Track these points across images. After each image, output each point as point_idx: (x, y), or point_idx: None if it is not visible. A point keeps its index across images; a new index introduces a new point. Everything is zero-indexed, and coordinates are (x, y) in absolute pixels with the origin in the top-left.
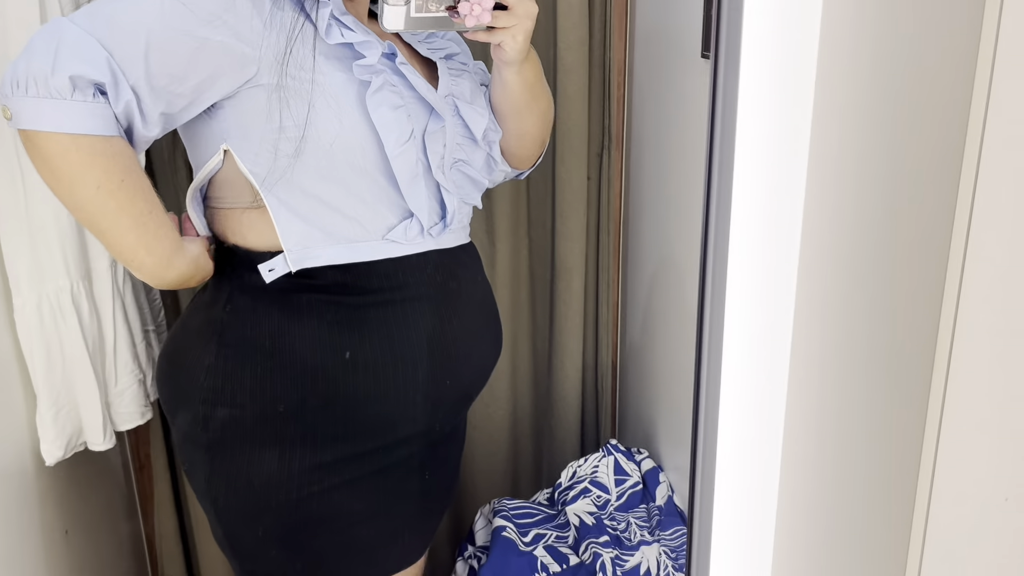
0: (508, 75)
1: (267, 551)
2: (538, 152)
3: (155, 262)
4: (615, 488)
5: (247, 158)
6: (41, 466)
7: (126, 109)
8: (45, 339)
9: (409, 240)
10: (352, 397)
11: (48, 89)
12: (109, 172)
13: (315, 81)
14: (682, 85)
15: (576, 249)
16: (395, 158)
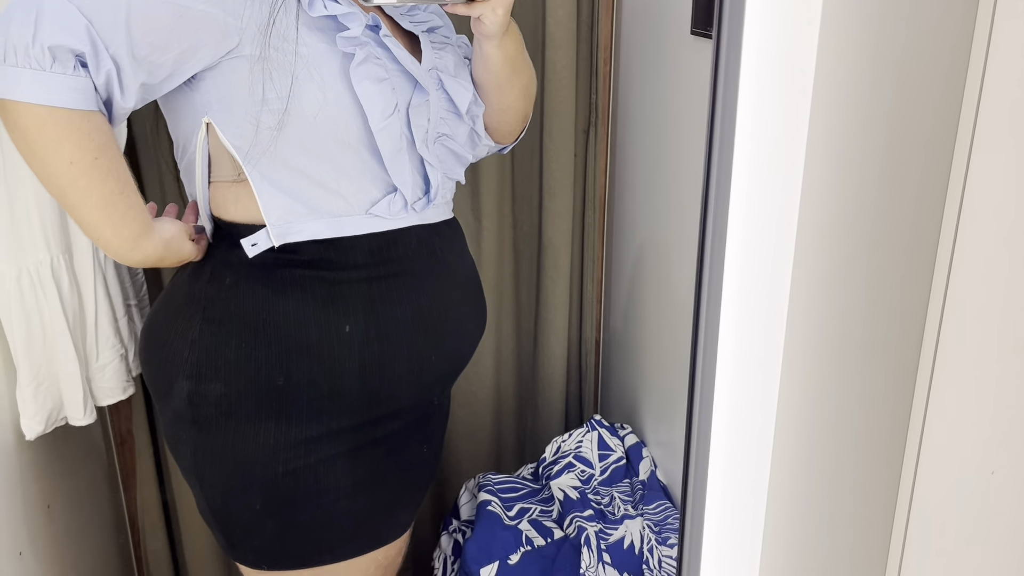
0: (489, 49)
1: (253, 525)
2: (520, 126)
3: (120, 243)
4: (599, 463)
5: (229, 131)
6: (22, 441)
7: (107, 80)
8: (25, 313)
9: (393, 215)
10: (336, 372)
11: (28, 59)
12: (83, 148)
13: (298, 53)
14: (670, 62)
15: (563, 226)
16: (379, 132)
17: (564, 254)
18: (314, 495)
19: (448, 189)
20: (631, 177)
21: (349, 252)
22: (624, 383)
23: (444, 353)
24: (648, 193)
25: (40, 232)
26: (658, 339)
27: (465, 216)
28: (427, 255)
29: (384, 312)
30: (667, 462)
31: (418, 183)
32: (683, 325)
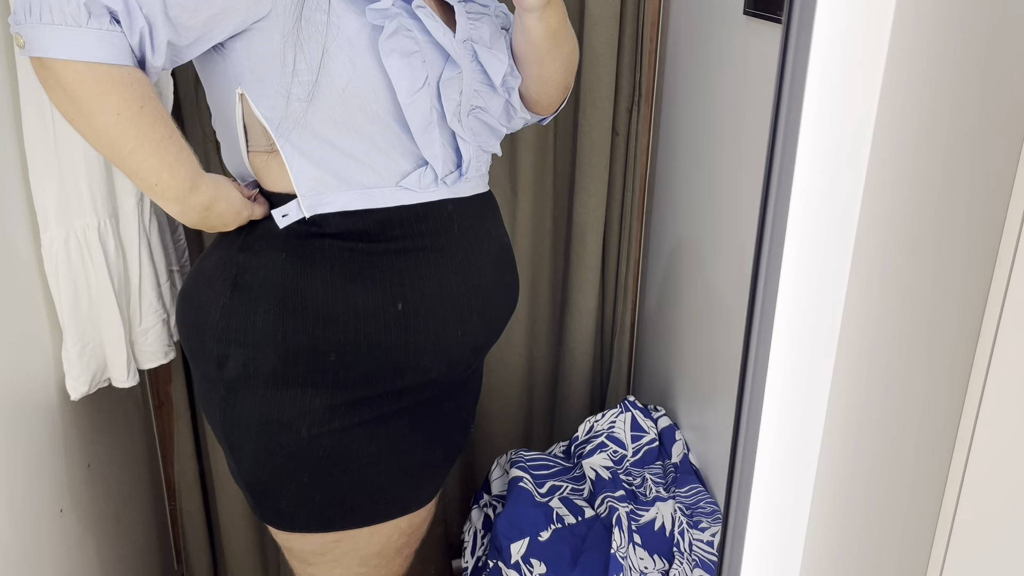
0: (529, 21)
1: (277, 487)
2: (561, 98)
3: (178, 184)
4: (631, 444)
5: (261, 102)
6: (66, 400)
7: (140, 39)
8: (72, 275)
9: (423, 188)
10: (362, 344)
11: (63, 15)
12: (128, 99)
13: (329, 24)
14: (721, 42)
15: (593, 204)
16: (407, 106)
17: (593, 233)
18: (337, 461)
19: (483, 162)
20: (675, 158)
21: (380, 225)
22: (658, 365)
23: (471, 328)
24: (692, 176)
25: (88, 196)
26: (695, 323)
27: (502, 187)
28: (459, 229)
29: (412, 285)
30: (700, 445)
31: (449, 156)
32: (721, 310)
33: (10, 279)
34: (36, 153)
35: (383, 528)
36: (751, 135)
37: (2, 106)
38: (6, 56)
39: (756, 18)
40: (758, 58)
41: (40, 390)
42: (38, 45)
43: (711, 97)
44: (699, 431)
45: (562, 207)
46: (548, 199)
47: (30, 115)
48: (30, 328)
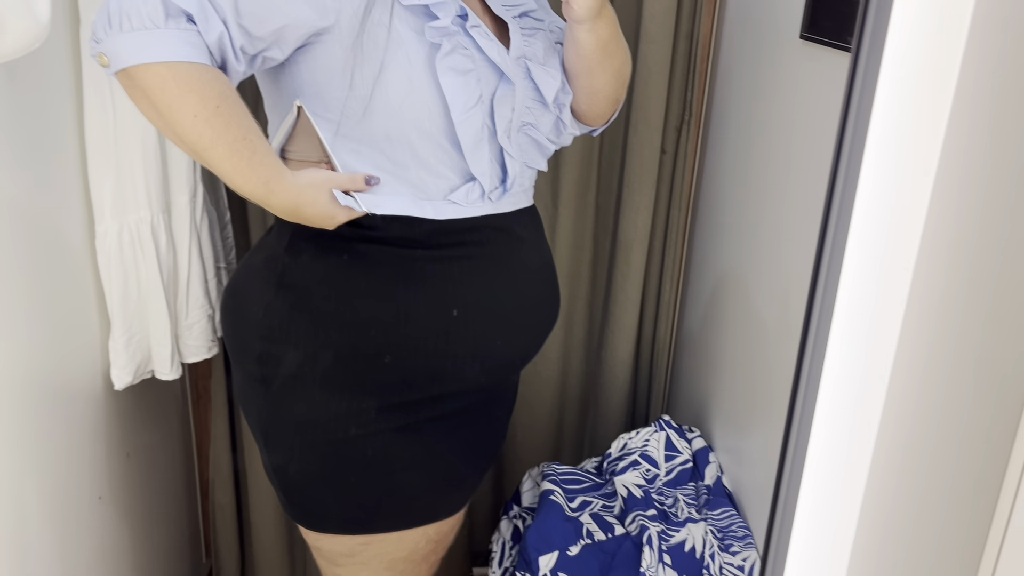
0: (580, 33)
1: (309, 487)
2: (611, 110)
3: (252, 189)
4: (664, 463)
5: (319, 113)
6: (110, 390)
7: (219, 41)
8: (123, 267)
9: (470, 203)
10: (402, 349)
11: (142, 19)
12: (205, 99)
13: (389, 41)
14: (775, 64)
15: (640, 222)
16: (460, 123)
17: (638, 251)
18: (370, 465)
19: (527, 178)
20: (722, 179)
21: (425, 233)
22: (695, 386)
23: (511, 341)
24: (739, 198)
25: (143, 191)
26: (737, 347)
27: (544, 201)
28: (502, 243)
29: (453, 295)
30: (734, 469)
31: (496, 172)
32: (766, 337)
33: (65, 269)
34: (96, 148)
35: (412, 534)
36: (803, 160)
37: (66, 103)
38: (72, 53)
39: (812, 42)
40: (813, 82)
41: (86, 378)
42: (120, 57)
43: (762, 120)
44: (734, 455)
45: (603, 223)
46: (590, 215)
47: (92, 112)
48: (80, 317)
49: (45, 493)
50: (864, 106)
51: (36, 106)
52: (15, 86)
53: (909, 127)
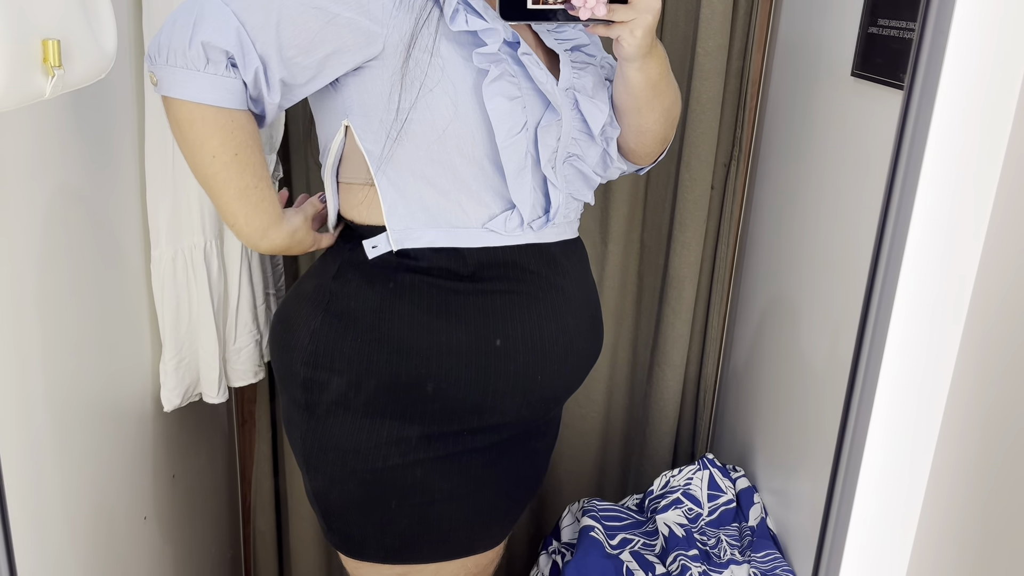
0: (629, 71)
1: (348, 514)
2: (659, 149)
3: (250, 232)
4: (707, 503)
5: (365, 136)
6: (159, 412)
7: (255, 77)
8: (176, 292)
9: (508, 232)
10: (443, 380)
11: (185, 60)
12: (226, 144)
13: (434, 65)
14: (825, 102)
15: (691, 258)
16: (504, 149)
17: (689, 287)
18: (409, 494)
19: (572, 210)
20: (770, 216)
21: (468, 264)
22: (740, 425)
23: (552, 375)
24: (787, 235)
25: (198, 217)
26: (783, 386)
27: (592, 237)
28: (546, 275)
29: (495, 327)
30: (779, 511)
31: (539, 201)
32: (813, 377)
33: (120, 292)
34: (155, 175)
35: (450, 566)
36: (853, 198)
37: (128, 130)
38: (135, 83)
39: (864, 80)
40: (864, 120)
41: (136, 399)
42: (164, 84)
43: (812, 157)
44: (779, 496)
45: (649, 261)
46: (635, 252)
47: (153, 140)
48: (133, 340)
49: (92, 511)
50: (917, 144)
51: (99, 132)
52: (80, 112)
53: (963, 165)
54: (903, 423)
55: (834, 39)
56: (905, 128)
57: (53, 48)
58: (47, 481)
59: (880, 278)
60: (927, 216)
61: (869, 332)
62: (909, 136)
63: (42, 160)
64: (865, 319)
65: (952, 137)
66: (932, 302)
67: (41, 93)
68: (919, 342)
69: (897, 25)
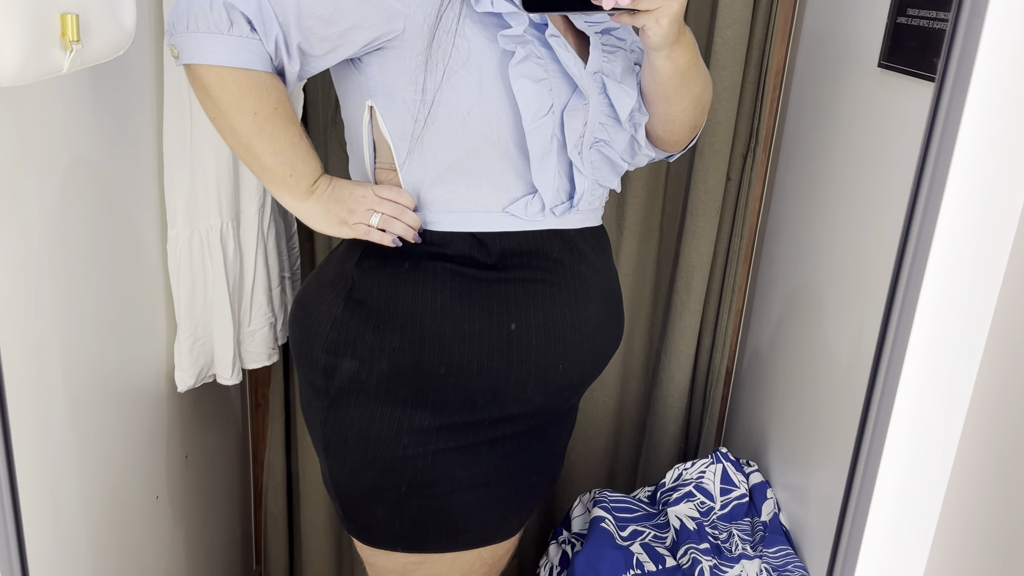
0: (656, 59)
1: (365, 502)
2: (688, 137)
3: (297, 184)
4: (720, 497)
5: (388, 118)
6: (172, 392)
7: (276, 47)
8: (192, 272)
9: (529, 216)
10: (463, 368)
11: (208, 23)
12: (263, 100)
13: (459, 47)
14: (850, 94)
15: (702, 248)
16: (531, 131)
17: (699, 278)
18: (428, 483)
19: (598, 196)
20: (791, 209)
21: (491, 253)
22: (753, 419)
23: (572, 364)
24: (806, 228)
25: (215, 199)
26: (797, 379)
27: (608, 223)
28: (567, 262)
29: (516, 315)
30: (792, 506)
31: (563, 187)
32: (833, 367)
33: (137, 272)
34: (172, 156)
35: (466, 556)
36: (879, 192)
37: (147, 111)
38: (155, 62)
39: (892, 71)
40: (891, 112)
41: (150, 379)
42: (187, 53)
43: (836, 149)
44: (793, 491)
45: (667, 249)
46: (654, 240)
47: (171, 122)
48: (149, 319)
49: (106, 489)
50: (947, 137)
51: (118, 112)
52: (99, 90)
53: (994, 158)
54: (925, 419)
55: (861, 29)
56: (936, 121)
57: (72, 22)
58: (61, 458)
59: (905, 273)
60: (956, 210)
61: (893, 327)
62: (939, 129)
63: (60, 138)
64: (889, 314)
65: (984, 130)
66: (959, 299)
67: (59, 68)
68: (944, 338)
69: (927, 15)
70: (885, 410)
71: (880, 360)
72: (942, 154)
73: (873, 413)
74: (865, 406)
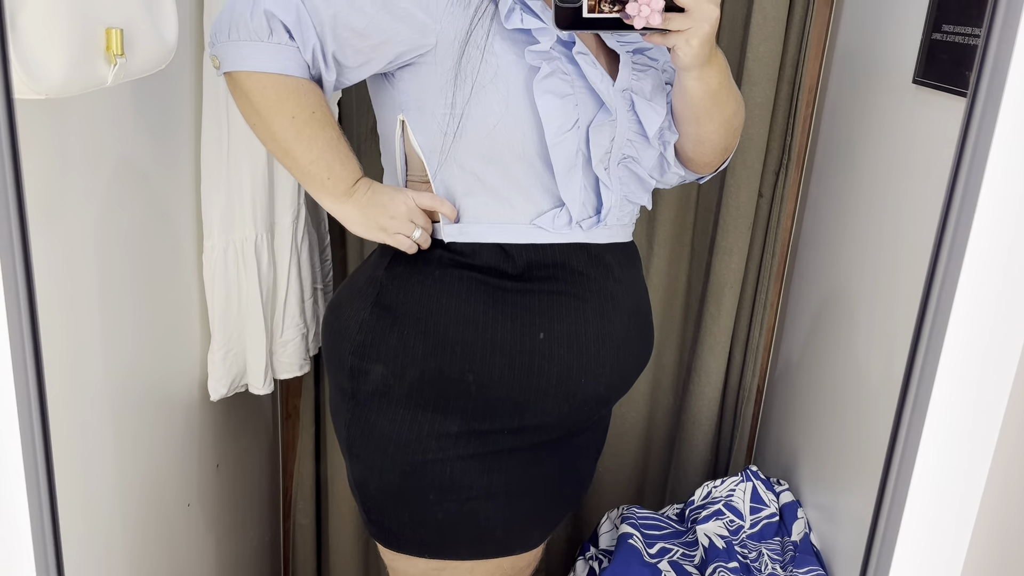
0: (687, 80)
1: (386, 505)
2: (719, 159)
3: (334, 185)
4: (750, 515)
5: (419, 131)
6: (205, 401)
7: (313, 56)
8: (226, 283)
9: (556, 229)
10: (485, 376)
11: (248, 31)
12: (302, 104)
13: (487, 62)
14: (884, 110)
15: (734, 265)
16: (554, 145)
17: (730, 294)
18: (446, 489)
19: (627, 212)
20: (822, 225)
21: (517, 264)
22: (784, 437)
23: (595, 378)
24: (839, 245)
25: (250, 210)
26: (829, 397)
27: (639, 239)
28: (596, 277)
29: (541, 326)
30: (823, 526)
31: (590, 201)
32: (865, 386)
33: (173, 281)
34: (210, 168)
35: (485, 565)
36: (914, 208)
37: (186, 126)
38: (195, 79)
39: (926, 87)
40: (926, 128)
41: (184, 387)
42: (228, 61)
43: (870, 166)
44: (824, 511)
45: (698, 266)
46: (685, 257)
47: (209, 134)
48: (183, 328)
49: (141, 495)
50: (980, 152)
51: (158, 124)
52: (141, 101)
53: None
54: (957, 438)
55: (895, 45)
56: (967, 136)
57: (116, 37)
58: (97, 464)
59: (936, 291)
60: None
61: (924, 344)
62: (971, 144)
63: (102, 149)
64: (920, 331)
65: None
66: (991, 316)
67: (103, 81)
68: (976, 355)
69: (963, 31)
70: (915, 429)
71: (910, 377)
72: (974, 169)
73: (903, 432)
74: (895, 425)
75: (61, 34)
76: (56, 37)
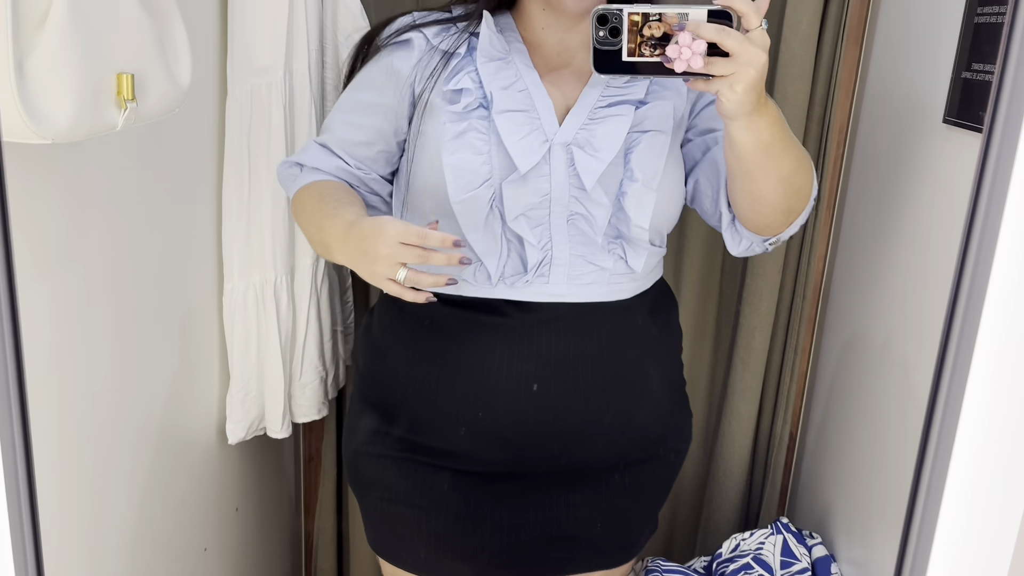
0: (733, 130)
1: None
2: (782, 221)
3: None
4: (780, 570)
5: (396, 185)
6: (223, 444)
7: (345, 170)
8: (246, 326)
9: (478, 283)
10: (404, 385)
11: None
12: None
13: (425, 120)
14: (915, 151)
15: (764, 309)
16: (456, 203)
17: (760, 338)
18: (371, 484)
19: (589, 272)
20: (855, 268)
21: (454, 308)
22: (818, 488)
23: (498, 415)
24: (872, 287)
25: (271, 253)
26: (865, 446)
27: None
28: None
29: (450, 351)
30: None
31: (514, 256)
32: (896, 436)
33: (192, 323)
34: (231, 211)
35: None
36: (946, 250)
37: (206, 168)
38: (217, 121)
39: (957, 127)
40: (957, 168)
41: (202, 430)
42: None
43: (902, 207)
44: (860, 567)
45: (726, 309)
46: (713, 300)
47: (231, 178)
48: (202, 371)
49: (156, 539)
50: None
51: (178, 166)
52: (160, 143)
53: None
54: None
55: (925, 85)
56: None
57: (127, 82)
58: (111, 507)
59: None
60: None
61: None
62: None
63: (120, 191)
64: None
65: None
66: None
67: (113, 126)
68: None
69: (992, 69)
70: (937, 483)
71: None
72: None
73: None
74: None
75: (69, 80)
76: (64, 83)
